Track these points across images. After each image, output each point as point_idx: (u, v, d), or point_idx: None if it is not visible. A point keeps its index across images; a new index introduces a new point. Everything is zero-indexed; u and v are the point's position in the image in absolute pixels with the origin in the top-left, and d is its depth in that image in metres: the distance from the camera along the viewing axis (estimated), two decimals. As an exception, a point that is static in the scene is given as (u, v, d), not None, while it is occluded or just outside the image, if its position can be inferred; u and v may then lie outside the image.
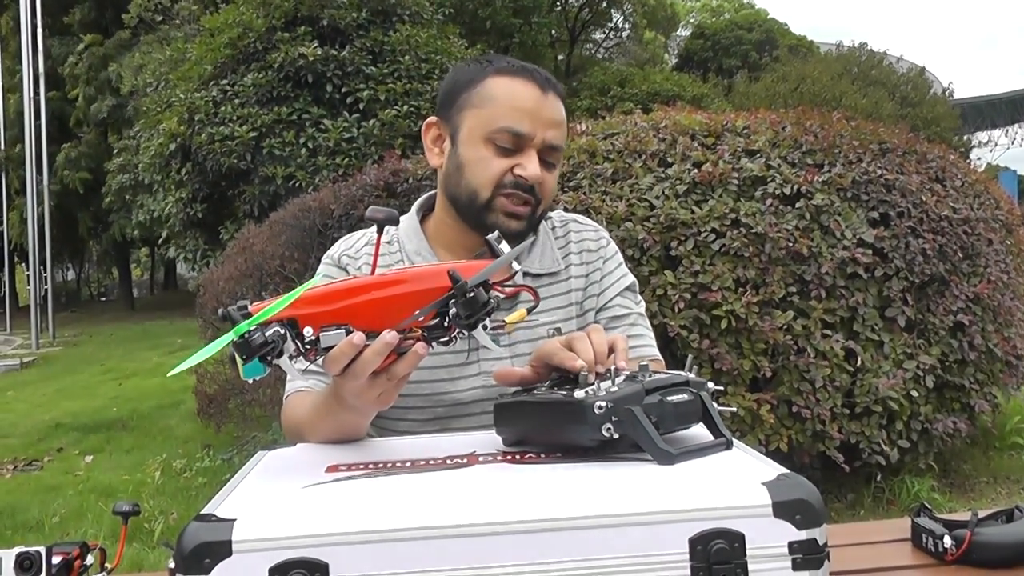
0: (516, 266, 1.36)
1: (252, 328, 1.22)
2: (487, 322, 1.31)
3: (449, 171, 1.90)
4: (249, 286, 6.13)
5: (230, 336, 1.23)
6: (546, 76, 1.89)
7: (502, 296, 1.36)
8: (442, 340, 1.33)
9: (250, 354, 1.22)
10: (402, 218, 2.00)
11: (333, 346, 1.28)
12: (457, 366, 1.87)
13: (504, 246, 1.35)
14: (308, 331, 1.27)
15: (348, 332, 1.28)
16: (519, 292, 1.43)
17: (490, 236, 1.37)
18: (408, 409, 1.85)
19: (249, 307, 1.25)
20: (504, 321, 1.38)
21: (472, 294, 1.27)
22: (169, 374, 1.38)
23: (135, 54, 20.79)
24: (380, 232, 1.41)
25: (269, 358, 1.25)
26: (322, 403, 1.59)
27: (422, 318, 1.30)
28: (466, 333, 1.31)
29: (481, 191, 1.83)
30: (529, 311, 1.42)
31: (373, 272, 1.36)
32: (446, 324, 1.31)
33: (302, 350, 1.28)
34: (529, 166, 1.80)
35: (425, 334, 1.32)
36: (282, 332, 1.25)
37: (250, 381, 1.31)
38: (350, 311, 1.28)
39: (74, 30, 26.27)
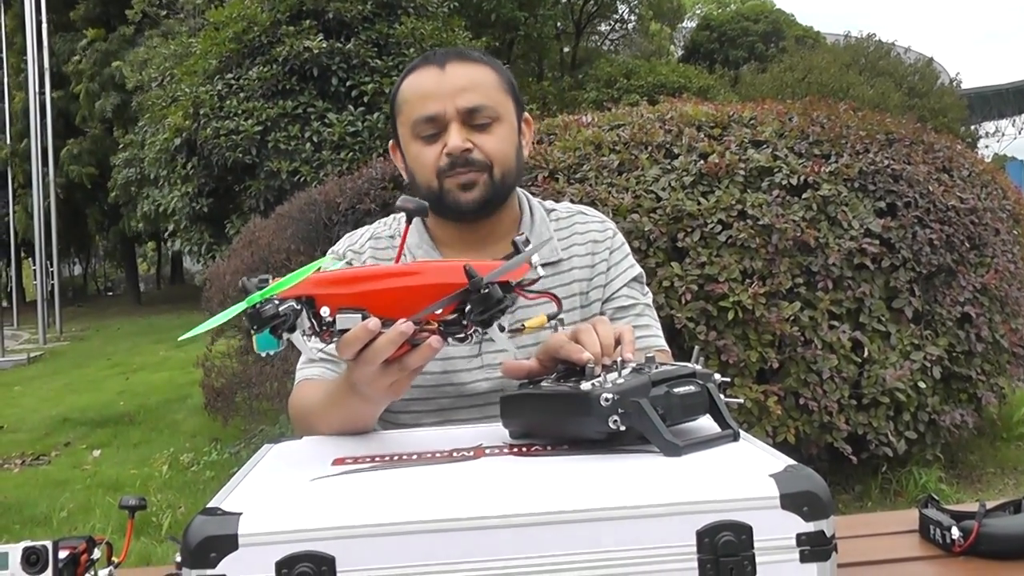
0: (539, 270, 1.35)
1: (265, 300, 1.23)
2: (504, 322, 1.30)
3: (409, 178, 1.94)
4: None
5: (243, 305, 1.24)
6: (447, 51, 1.91)
7: (525, 301, 1.35)
8: (458, 336, 1.32)
9: (260, 325, 1.23)
10: (395, 218, 2.01)
11: (348, 329, 1.27)
12: (462, 358, 1.87)
13: (529, 249, 1.35)
14: (325, 311, 1.27)
15: (364, 317, 1.27)
16: (542, 298, 1.42)
17: (517, 238, 1.36)
18: (412, 400, 1.85)
19: (269, 280, 1.25)
20: (523, 324, 1.37)
21: (487, 291, 1.26)
22: (180, 338, 1.39)
23: (139, 49, 20.80)
24: (409, 222, 1.42)
25: (280, 331, 1.25)
26: (334, 390, 1.59)
27: (439, 311, 1.29)
28: (482, 331, 1.31)
29: (431, 183, 1.85)
30: (550, 318, 1.41)
31: (398, 261, 1.36)
32: (463, 321, 1.31)
33: (317, 330, 1.28)
34: (449, 140, 1.80)
35: (441, 328, 1.31)
36: (297, 308, 1.25)
37: (263, 355, 1.31)
38: (368, 296, 1.28)
39: (78, 25, 26.26)
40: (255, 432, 6.54)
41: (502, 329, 1.30)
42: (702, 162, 4.90)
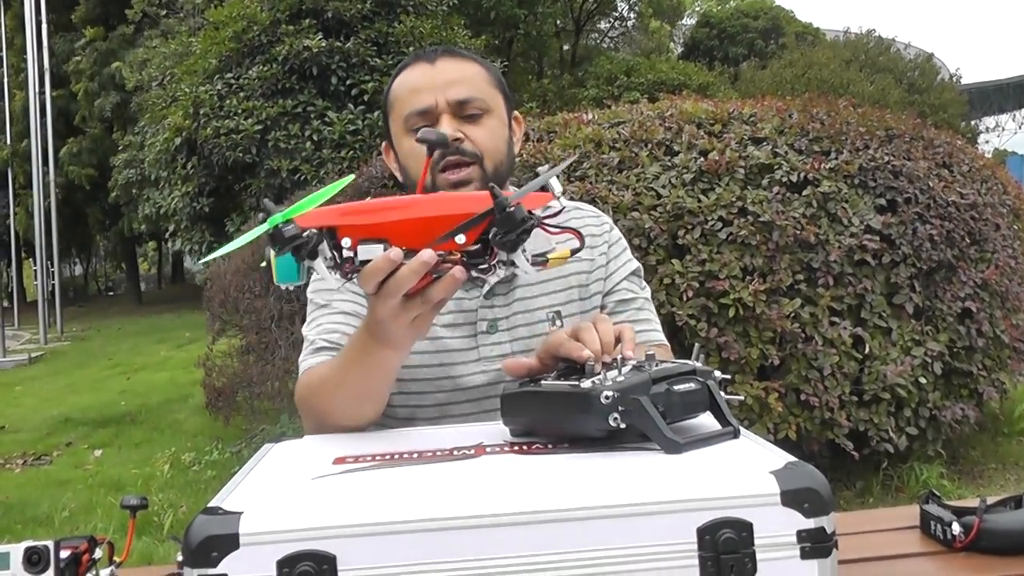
0: (560, 200, 1.34)
1: (286, 221, 1.22)
2: (527, 252, 1.28)
3: (403, 175, 1.96)
4: (256, 279, 6.14)
5: (265, 226, 1.23)
6: (437, 48, 1.94)
7: (548, 233, 1.33)
8: (481, 267, 1.30)
9: (283, 246, 1.22)
10: None
11: (370, 260, 1.26)
12: (459, 351, 1.88)
13: (547, 171, 1.33)
14: (346, 242, 1.26)
15: (387, 248, 1.26)
16: (565, 232, 1.40)
17: (540, 168, 1.35)
18: (409, 394, 1.86)
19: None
20: (548, 258, 1.36)
21: (511, 210, 1.24)
22: (201, 260, 1.39)
23: (139, 50, 20.81)
24: (431, 153, 1.41)
25: (302, 254, 1.24)
26: (352, 345, 1.59)
27: (461, 238, 1.27)
28: (506, 259, 1.28)
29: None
30: (573, 252, 1.40)
31: (420, 189, 1.35)
32: (487, 253, 1.29)
33: (339, 261, 1.27)
34: (440, 128, 1.80)
35: (464, 258, 1.29)
36: (317, 233, 1.24)
37: (283, 288, 1.30)
38: (390, 227, 1.27)
39: (78, 25, 26.26)
40: (256, 431, 6.55)
41: (524, 254, 1.28)
42: (702, 159, 4.90)
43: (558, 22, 30.29)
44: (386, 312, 1.35)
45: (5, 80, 25.08)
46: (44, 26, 21.68)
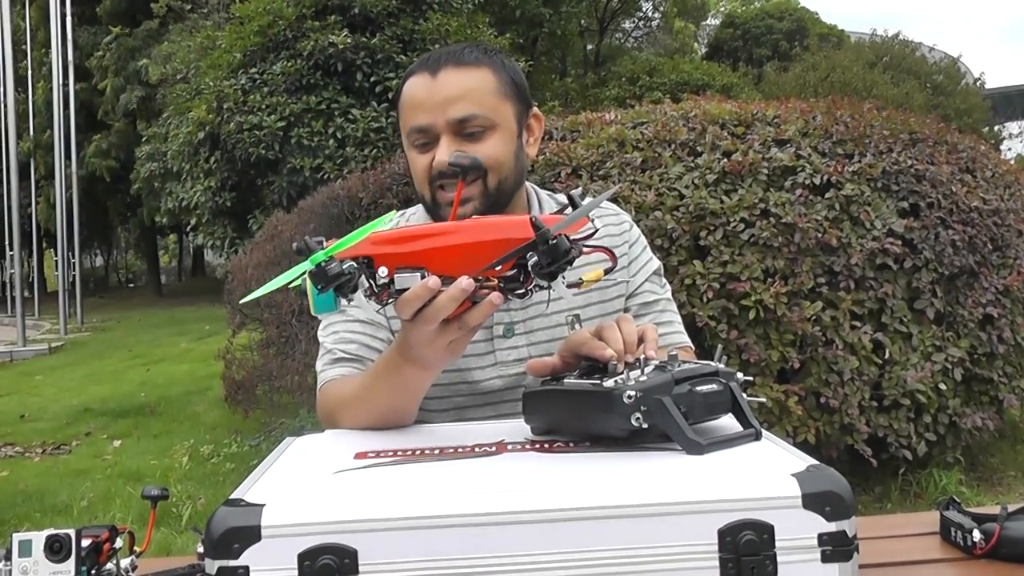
0: (595, 223, 1.34)
1: (328, 259, 1.23)
2: (565, 275, 1.29)
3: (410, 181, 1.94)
4: (277, 273, 6.14)
5: (305, 265, 1.24)
6: (443, 54, 1.88)
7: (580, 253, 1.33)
8: (518, 292, 1.31)
9: (326, 283, 1.23)
10: (417, 208, 2.02)
11: (406, 288, 1.27)
12: (476, 356, 1.88)
13: (586, 200, 1.34)
14: (383, 271, 1.27)
15: (423, 276, 1.27)
16: (597, 251, 1.40)
17: (573, 192, 1.35)
18: (426, 399, 1.84)
19: (325, 242, 1.25)
20: (581, 278, 1.36)
21: (554, 242, 1.24)
22: (243, 300, 1.40)
23: (164, 44, 20.85)
24: (463, 178, 1.41)
25: (344, 291, 1.25)
26: (382, 363, 1.59)
27: (499, 267, 1.28)
28: (545, 284, 1.28)
29: (423, 191, 1.86)
30: (607, 272, 1.40)
31: (453, 217, 1.35)
32: (522, 278, 1.29)
33: (375, 290, 1.28)
34: (438, 154, 1.78)
35: (501, 284, 1.30)
36: (357, 267, 1.25)
37: (319, 317, 1.31)
38: (427, 255, 1.27)
39: (103, 20, 26.33)
40: (275, 425, 6.56)
41: (563, 281, 1.29)
42: (725, 160, 4.89)
43: (582, 21, 30.22)
44: (422, 338, 1.35)
45: (29, 72, 25.18)
46: (68, 19, 21.74)
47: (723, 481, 1.07)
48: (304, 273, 1.25)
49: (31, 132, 25.58)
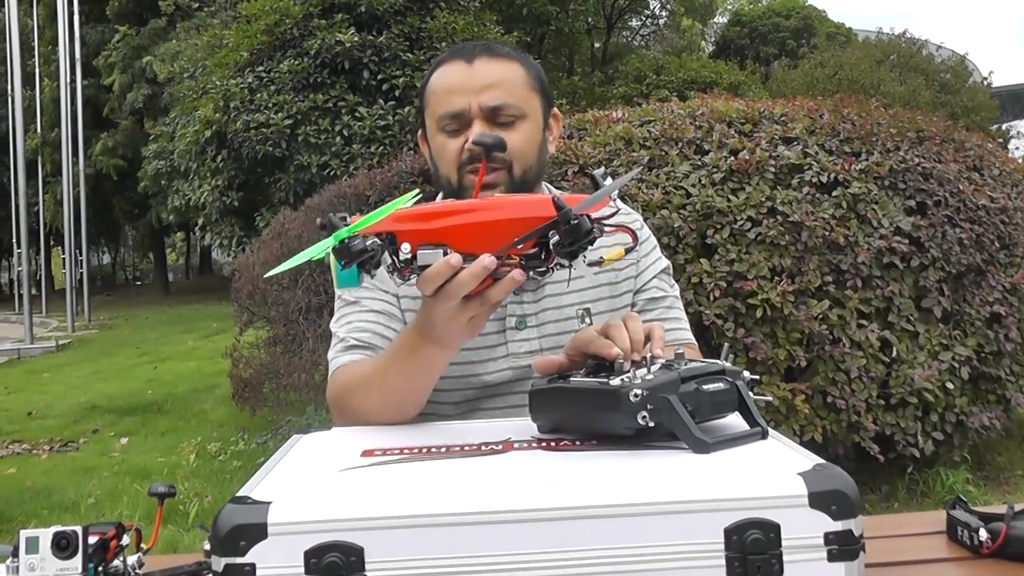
0: (616, 203, 1.35)
1: (352, 235, 1.24)
2: (584, 256, 1.30)
3: (431, 169, 1.96)
4: (284, 271, 6.15)
5: (330, 242, 1.25)
6: (476, 45, 1.92)
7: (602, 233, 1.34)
8: (539, 270, 1.32)
9: (350, 259, 1.24)
10: (437, 198, 2.01)
11: (428, 265, 1.28)
12: (487, 348, 1.88)
13: (608, 181, 1.35)
14: (405, 248, 1.28)
15: (445, 253, 1.28)
16: (619, 231, 1.41)
17: (596, 172, 1.36)
18: (438, 391, 1.84)
19: (348, 219, 1.26)
20: (602, 257, 1.36)
21: (576, 222, 1.25)
22: (267, 275, 1.40)
23: (171, 42, 20.89)
24: (487, 157, 1.45)
25: (367, 267, 1.26)
26: (399, 344, 1.60)
27: (521, 245, 1.29)
28: (565, 263, 1.30)
29: (451, 176, 1.87)
30: (627, 251, 1.41)
31: (475, 196, 1.37)
32: (544, 255, 1.31)
33: (398, 266, 1.29)
34: (472, 135, 1.80)
35: (523, 262, 1.31)
36: (380, 243, 1.26)
37: (340, 293, 1.32)
38: (449, 232, 1.29)
39: (111, 19, 26.36)
40: (282, 423, 6.57)
41: (584, 260, 1.31)
42: (732, 158, 4.89)
43: (589, 19, 30.25)
44: (443, 314, 1.36)
45: (37, 70, 25.23)
46: (76, 16, 21.78)
47: (729, 480, 1.07)
48: (328, 249, 1.26)
49: (38, 129, 25.63)
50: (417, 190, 1.73)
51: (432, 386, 1.63)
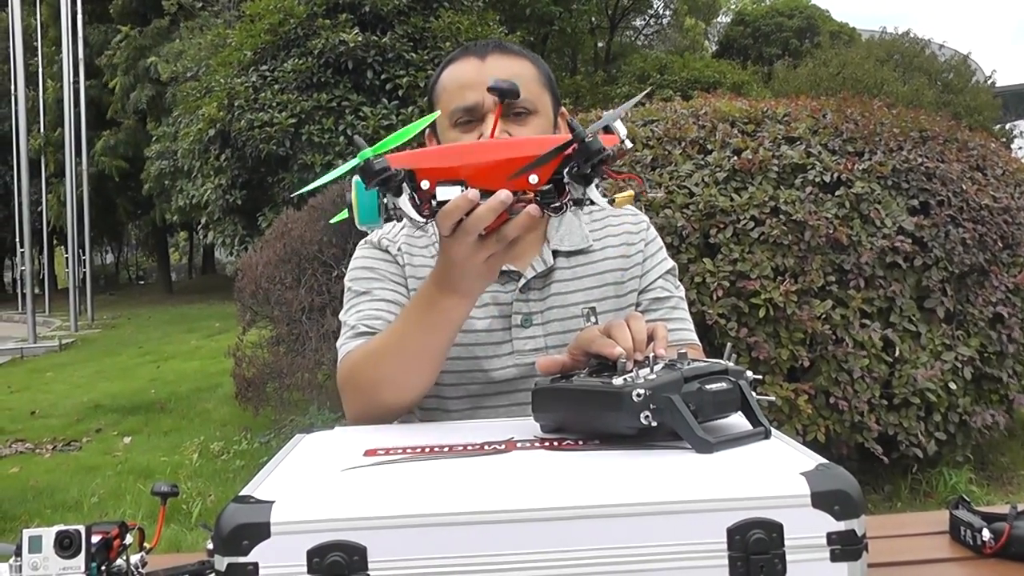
0: (627, 143, 1.35)
1: (376, 155, 1.26)
2: (597, 183, 1.32)
3: None
4: (287, 271, 6.16)
5: (356, 161, 1.27)
6: (488, 43, 1.95)
7: (611, 176, 1.35)
8: (553, 206, 1.34)
9: (373, 178, 1.26)
10: None
11: (447, 201, 1.30)
12: (492, 344, 1.89)
13: (610, 113, 1.35)
14: (425, 184, 1.30)
15: (464, 189, 1.30)
16: (627, 178, 1.43)
17: (570, 120, 1.37)
18: (442, 387, 1.86)
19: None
20: (614, 197, 1.37)
21: (590, 140, 1.27)
22: (295, 193, 1.43)
23: (174, 42, 20.89)
24: (501, 103, 1.48)
25: (389, 186, 1.28)
26: (415, 302, 1.62)
27: (538, 169, 1.31)
28: (580, 194, 1.32)
29: None
30: (638, 195, 1.42)
31: (492, 136, 1.41)
32: (558, 192, 1.33)
33: (417, 202, 1.31)
34: (486, 128, 1.81)
35: (538, 198, 1.33)
36: (403, 172, 1.29)
37: (364, 229, 1.34)
38: (468, 170, 1.31)
39: (114, 18, 26.36)
40: (285, 422, 6.57)
41: (598, 187, 1.32)
42: (735, 158, 4.89)
43: (593, 19, 30.24)
44: (462, 251, 1.38)
45: (40, 70, 25.23)
46: (79, 16, 21.79)
47: (732, 480, 1.07)
48: (353, 169, 1.29)
49: (42, 129, 25.64)
50: (439, 110, 1.75)
51: (448, 348, 1.64)
